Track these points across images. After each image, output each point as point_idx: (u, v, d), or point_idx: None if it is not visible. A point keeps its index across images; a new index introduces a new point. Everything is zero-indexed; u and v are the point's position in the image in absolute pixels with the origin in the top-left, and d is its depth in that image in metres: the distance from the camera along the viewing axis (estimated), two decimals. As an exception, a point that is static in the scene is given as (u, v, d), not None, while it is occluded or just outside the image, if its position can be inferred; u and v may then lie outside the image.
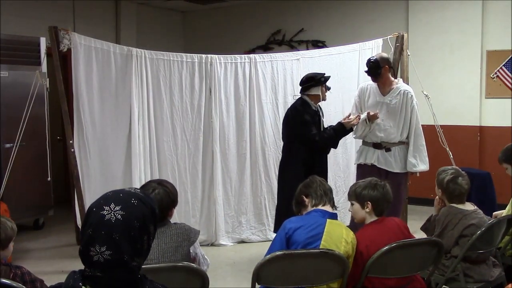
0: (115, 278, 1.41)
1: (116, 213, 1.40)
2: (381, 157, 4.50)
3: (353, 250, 2.69)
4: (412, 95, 4.49)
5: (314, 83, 4.44)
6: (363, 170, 4.58)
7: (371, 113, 4.41)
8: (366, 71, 4.53)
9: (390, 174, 4.44)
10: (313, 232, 2.63)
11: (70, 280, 1.42)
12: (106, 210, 1.40)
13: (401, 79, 4.86)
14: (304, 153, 4.43)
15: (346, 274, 2.56)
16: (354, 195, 2.86)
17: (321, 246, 2.59)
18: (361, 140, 4.70)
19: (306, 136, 4.39)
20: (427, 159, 4.53)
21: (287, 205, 4.43)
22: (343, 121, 4.51)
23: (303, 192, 2.91)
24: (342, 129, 4.50)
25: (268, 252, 2.64)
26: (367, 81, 4.70)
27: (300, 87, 4.60)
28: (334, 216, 2.78)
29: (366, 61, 4.55)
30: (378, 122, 4.46)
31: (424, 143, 4.54)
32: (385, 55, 4.67)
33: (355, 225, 3.10)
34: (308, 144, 4.41)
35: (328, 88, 4.55)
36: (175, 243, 2.54)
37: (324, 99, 4.56)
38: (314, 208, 2.82)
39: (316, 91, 4.45)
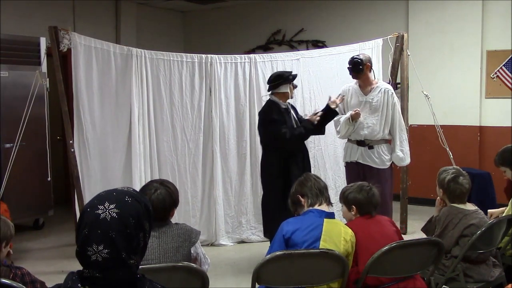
0: (114, 278, 1.40)
1: (111, 211, 1.40)
2: (364, 154, 4.62)
3: (353, 248, 2.72)
4: (392, 93, 4.65)
5: (282, 80, 4.50)
6: (349, 167, 4.76)
7: (353, 112, 4.50)
8: (348, 68, 4.61)
9: (374, 170, 4.58)
10: (311, 234, 2.64)
11: (69, 281, 1.42)
12: (101, 209, 1.40)
13: (381, 79, 4.94)
14: (277, 157, 4.47)
15: (346, 274, 2.56)
16: (342, 198, 3.03)
17: (320, 247, 2.60)
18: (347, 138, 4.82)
19: (276, 135, 4.41)
20: (409, 152, 4.74)
21: (270, 210, 4.46)
22: (308, 117, 4.55)
23: (299, 192, 2.90)
24: (310, 126, 4.51)
25: (267, 254, 2.65)
26: (349, 83, 4.80)
27: (268, 86, 4.61)
28: (331, 215, 2.79)
29: (349, 59, 4.64)
30: (361, 120, 4.56)
31: (407, 137, 4.74)
32: (367, 54, 4.81)
33: None
34: (280, 143, 4.43)
35: (295, 86, 4.61)
36: (176, 243, 2.54)
37: (291, 97, 4.61)
38: (310, 208, 2.82)
39: (285, 88, 4.50)
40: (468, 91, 6.76)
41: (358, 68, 4.53)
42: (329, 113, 4.56)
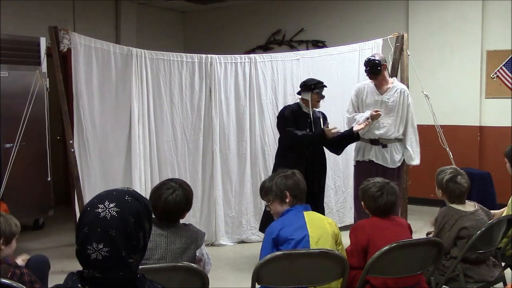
0: (114, 277, 1.41)
1: (111, 210, 1.41)
2: (378, 153, 4.62)
3: (338, 230, 2.81)
4: (408, 93, 4.65)
5: (304, 88, 4.57)
6: (360, 166, 4.73)
7: (374, 112, 4.47)
8: (366, 70, 4.61)
9: (386, 169, 4.58)
10: (297, 225, 2.70)
11: (69, 281, 1.42)
12: (101, 208, 1.41)
13: (396, 78, 4.93)
14: (286, 154, 4.58)
15: (346, 274, 2.56)
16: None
17: (310, 234, 2.65)
18: None
19: (280, 130, 4.64)
20: (419, 154, 4.74)
21: None
22: (325, 128, 4.50)
23: (289, 189, 2.86)
24: (319, 135, 4.49)
25: (260, 259, 2.63)
26: (364, 81, 4.79)
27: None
28: (308, 208, 2.85)
29: (365, 61, 4.64)
30: (377, 119, 4.54)
31: (418, 138, 4.74)
32: (381, 54, 4.81)
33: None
34: (283, 139, 4.63)
35: (322, 97, 4.56)
36: (184, 245, 2.54)
37: (314, 106, 4.57)
38: (289, 207, 2.84)
39: (306, 96, 4.56)
40: (468, 91, 6.76)
41: (377, 70, 4.52)
42: (350, 136, 4.55)
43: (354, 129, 4.46)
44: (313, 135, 4.51)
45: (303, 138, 4.47)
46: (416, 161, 4.72)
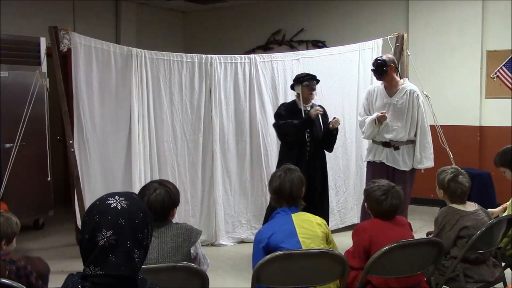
0: (116, 274, 1.42)
1: (122, 202, 1.48)
2: (389, 155, 4.60)
3: (328, 230, 2.81)
4: (418, 94, 4.59)
5: (294, 82, 4.64)
6: (372, 167, 4.72)
7: (380, 114, 4.47)
8: (372, 70, 4.63)
9: (397, 171, 4.57)
10: (286, 231, 2.68)
11: (69, 282, 1.42)
12: (111, 200, 1.48)
13: (407, 78, 4.91)
14: (286, 152, 4.65)
15: (346, 274, 2.56)
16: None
17: (300, 238, 2.64)
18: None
19: (274, 125, 4.74)
20: (432, 156, 4.64)
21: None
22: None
23: (273, 193, 2.89)
24: (304, 119, 4.52)
25: (253, 266, 2.61)
26: (374, 83, 4.80)
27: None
28: (296, 210, 2.83)
29: (373, 61, 4.66)
30: (387, 122, 4.53)
31: (430, 140, 4.64)
32: (390, 55, 4.78)
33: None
34: (277, 134, 4.75)
35: (312, 89, 4.59)
36: (176, 243, 2.54)
37: (307, 100, 4.60)
38: (277, 209, 2.84)
39: (297, 90, 4.62)
40: (468, 91, 6.76)
41: (382, 70, 4.51)
42: (330, 132, 4.62)
43: (331, 126, 4.57)
44: (299, 120, 4.51)
45: (287, 126, 4.51)
46: (425, 164, 4.59)
